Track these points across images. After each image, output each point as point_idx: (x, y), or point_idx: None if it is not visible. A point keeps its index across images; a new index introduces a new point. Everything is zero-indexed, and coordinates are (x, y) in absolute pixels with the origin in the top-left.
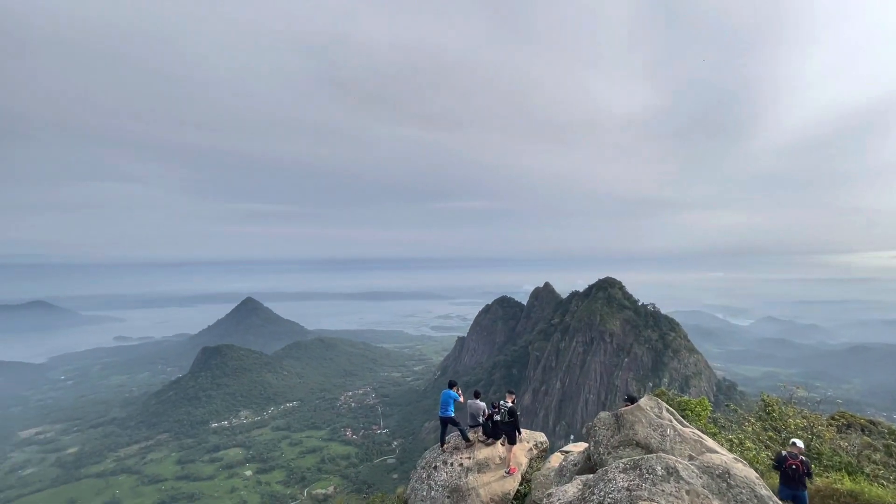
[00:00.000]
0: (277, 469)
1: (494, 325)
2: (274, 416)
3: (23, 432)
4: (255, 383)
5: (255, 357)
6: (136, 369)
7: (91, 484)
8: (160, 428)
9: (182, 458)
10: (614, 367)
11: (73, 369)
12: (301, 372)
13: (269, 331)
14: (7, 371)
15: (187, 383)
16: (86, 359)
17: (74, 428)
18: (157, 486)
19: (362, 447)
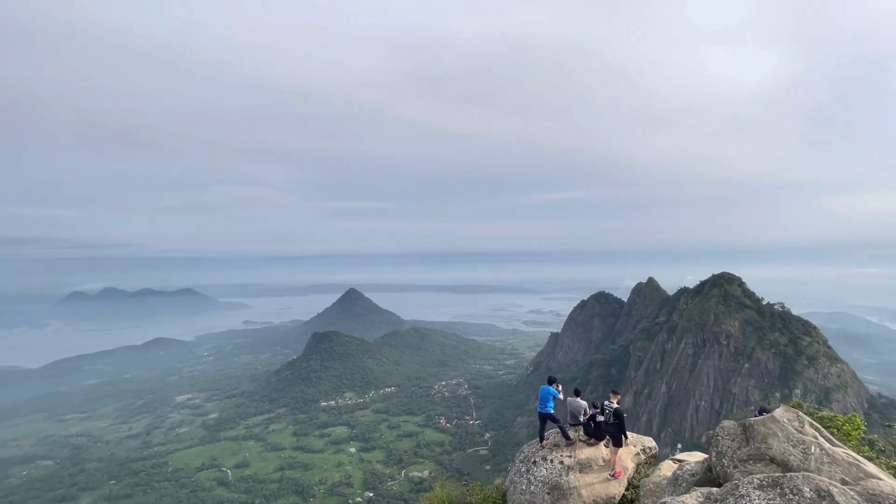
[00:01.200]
0: (378, 449)
1: (591, 321)
2: (374, 399)
3: (178, 397)
4: (357, 368)
5: (358, 343)
6: (259, 350)
7: (227, 446)
8: (279, 403)
9: (297, 430)
10: (731, 372)
11: (212, 347)
12: (398, 359)
13: (370, 319)
14: (167, 346)
15: (301, 365)
16: (222, 339)
17: (215, 397)
18: (277, 454)
19: (455, 436)
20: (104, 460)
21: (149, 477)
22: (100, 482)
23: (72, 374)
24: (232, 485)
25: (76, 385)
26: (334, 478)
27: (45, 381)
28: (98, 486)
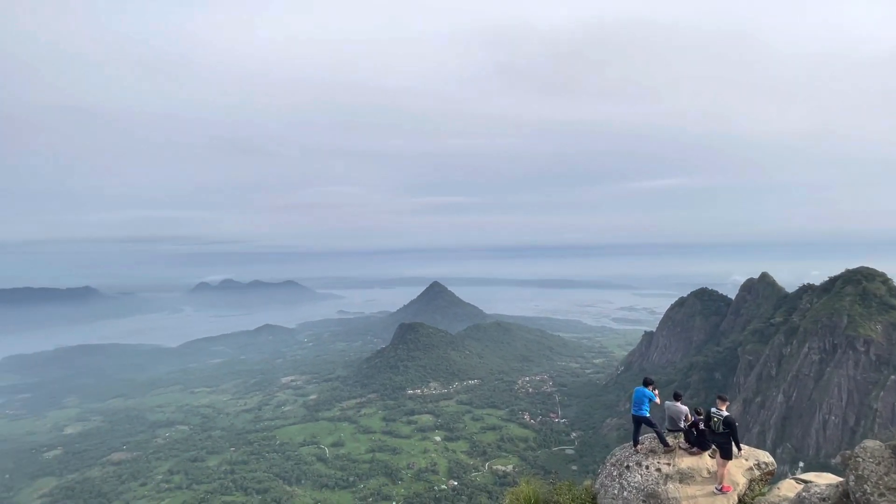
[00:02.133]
0: (462, 440)
1: (691, 320)
2: (458, 390)
3: (283, 378)
4: (441, 359)
5: (442, 335)
6: (352, 338)
7: (325, 426)
8: (370, 388)
9: (386, 416)
10: (871, 384)
11: (312, 334)
12: (481, 353)
13: (453, 312)
14: (273, 332)
15: (389, 353)
16: (319, 327)
17: (314, 380)
18: (368, 436)
19: (540, 433)
20: (226, 429)
21: (260, 447)
22: (223, 448)
23: (200, 354)
24: (329, 461)
25: (203, 363)
26: (420, 464)
27: (180, 359)
28: (221, 451)
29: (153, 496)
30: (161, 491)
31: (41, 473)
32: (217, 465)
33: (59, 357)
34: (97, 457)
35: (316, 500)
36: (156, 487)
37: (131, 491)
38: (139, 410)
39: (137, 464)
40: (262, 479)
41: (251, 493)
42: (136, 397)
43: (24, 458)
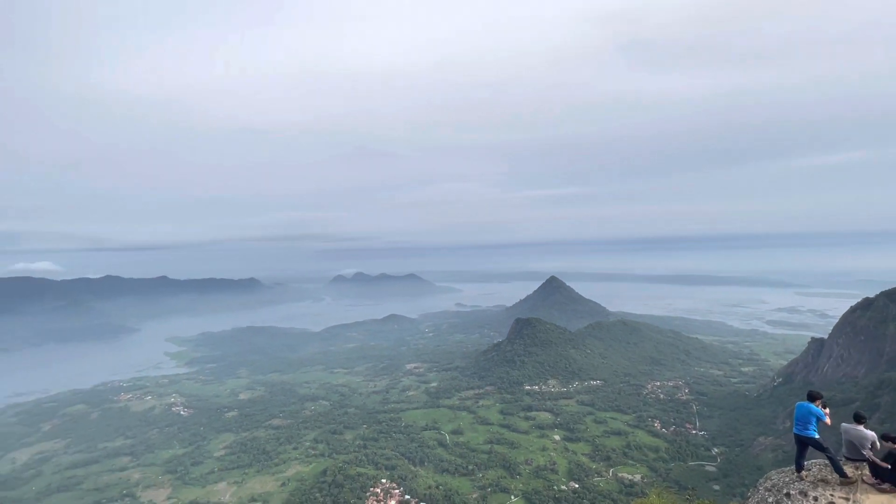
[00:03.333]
0: (583, 441)
1: (881, 328)
2: (578, 390)
3: (407, 365)
4: (560, 356)
5: (560, 332)
6: (469, 330)
7: (444, 413)
8: (487, 381)
9: (503, 409)
10: None
11: (432, 325)
12: (603, 353)
13: (572, 309)
14: (398, 321)
15: (505, 347)
16: (439, 318)
17: (434, 368)
18: (486, 427)
19: (673, 444)
20: (359, 408)
21: (388, 427)
22: (356, 424)
23: (337, 338)
24: (449, 447)
25: (341, 347)
26: (539, 461)
27: (322, 342)
28: (355, 426)
29: (302, 459)
30: (308, 455)
31: (224, 429)
32: (352, 439)
33: (234, 336)
34: (261, 420)
35: (437, 482)
36: (304, 452)
37: (286, 452)
38: (291, 385)
39: (290, 430)
40: (390, 456)
41: (381, 468)
42: (289, 373)
43: (212, 416)
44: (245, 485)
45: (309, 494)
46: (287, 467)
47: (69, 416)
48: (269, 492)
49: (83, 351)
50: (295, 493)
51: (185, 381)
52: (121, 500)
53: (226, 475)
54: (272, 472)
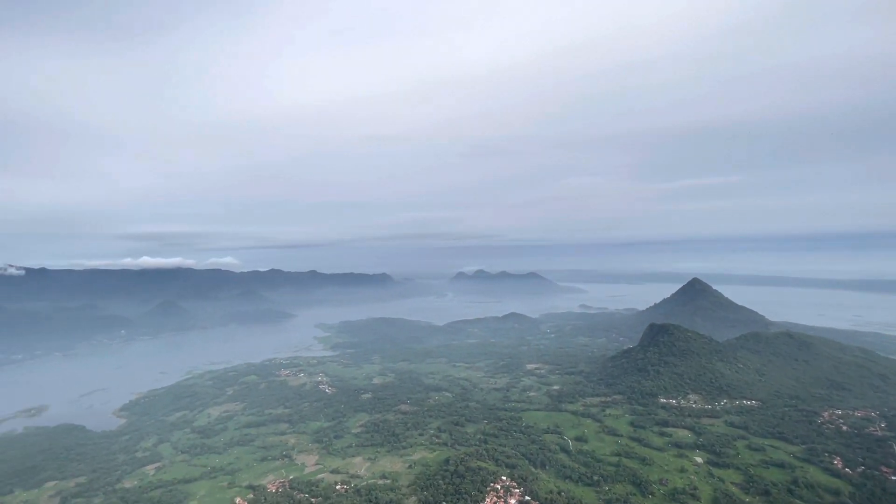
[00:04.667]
0: (732, 469)
1: None
2: (727, 409)
3: (528, 365)
4: (703, 369)
5: (704, 342)
6: (595, 333)
7: (567, 417)
8: (615, 389)
9: (634, 421)
10: None
11: (554, 326)
12: (761, 369)
13: (719, 316)
14: (519, 320)
15: (637, 354)
16: (561, 319)
17: (556, 371)
18: (613, 438)
19: (861, 488)
20: (479, 402)
21: (508, 425)
22: (477, 418)
23: (460, 333)
24: (572, 454)
25: (462, 341)
26: (676, 482)
27: (445, 335)
28: (476, 420)
29: (427, 446)
30: (433, 443)
31: (360, 409)
32: (473, 433)
33: (369, 325)
34: (391, 405)
35: (559, 488)
36: (429, 439)
37: (412, 437)
38: (417, 374)
39: (416, 417)
40: (511, 454)
41: (501, 465)
42: (416, 363)
43: (351, 396)
44: (377, 462)
45: (432, 480)
46: (413, 451)
47: (245, 385)
48: (397, 471)
49: (255, 331)
50: (420, 476)
51: (330, 362)
52: (281, 459)
53: (361, 451)
54: (400, 454)
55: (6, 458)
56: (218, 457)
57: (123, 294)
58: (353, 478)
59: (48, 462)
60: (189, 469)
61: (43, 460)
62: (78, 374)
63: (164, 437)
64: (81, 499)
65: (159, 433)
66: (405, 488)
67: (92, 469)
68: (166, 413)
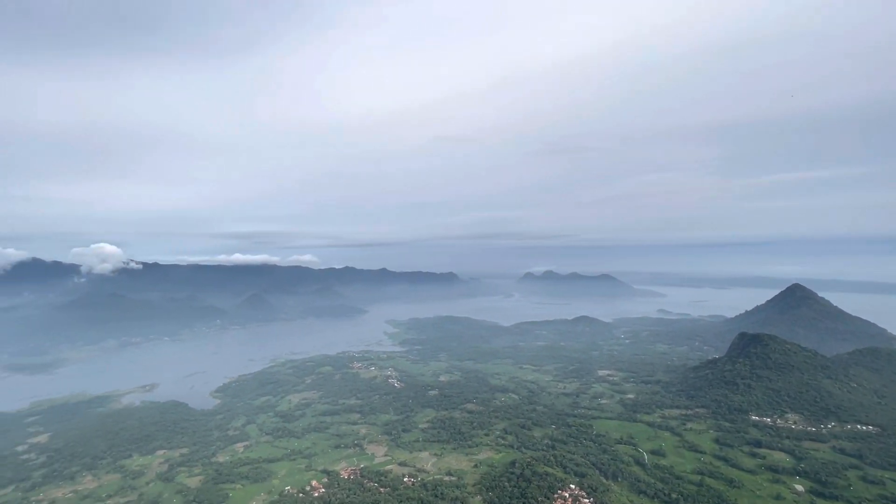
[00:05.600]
0: (842, 501)
1: None
2: (835, 433)
3: (599, 371)
4: (805, 386)
5: (807, 355)
6: (675, 341)
7: (642, 429)
8: (698, 401)
9: (720, 438)
10: None
11: (629, 331)
12: (881, 390)
13: (826, 327)
14: (590, 324)
15: (724, 366)
16: (637, 324)
17: (631, 378)
18: (695, 455)
19: None
20: (547, 407)
21: (578, 432)
22: (544, 423)
23: (526, 335)
24: (648, 468)
25: (529, 343)
26: None
27: (511, 336)
28: (544, 425)
29: (493, 446)
30: (498, 444)
31: (427, 405)
32: (540, 437)
33: (436, 323)
34: (457, 403)
35: (633, 502)
36: (495, 440)
37: (478, 437)
38: (483, 374)
39: (482, 417)
40: (580, 462)
41: (569, 472)
42: (482, 362)
43: (418, 391)
44: (443, 458)
45: (498, 481)
46: (479, 451)
47: (321, 375)
48: (462, 469)
49: (330, 325)
50: (486, 476)
51: (399, 358)
52: (353, 447)
53: (428, 446)
54: (466, 452)
55: (127, 426)
56: (297, 440)
57: (219, 287)
58: (419, 472)
59: (159, 433)
60: (272, 450)
61: (155, 431)
62: (182, 357)
63: (251, 418)
64: (184, 468)
65: (247, 415)
66: (470, 487)
67: (193, 442)
68: (253, 397)
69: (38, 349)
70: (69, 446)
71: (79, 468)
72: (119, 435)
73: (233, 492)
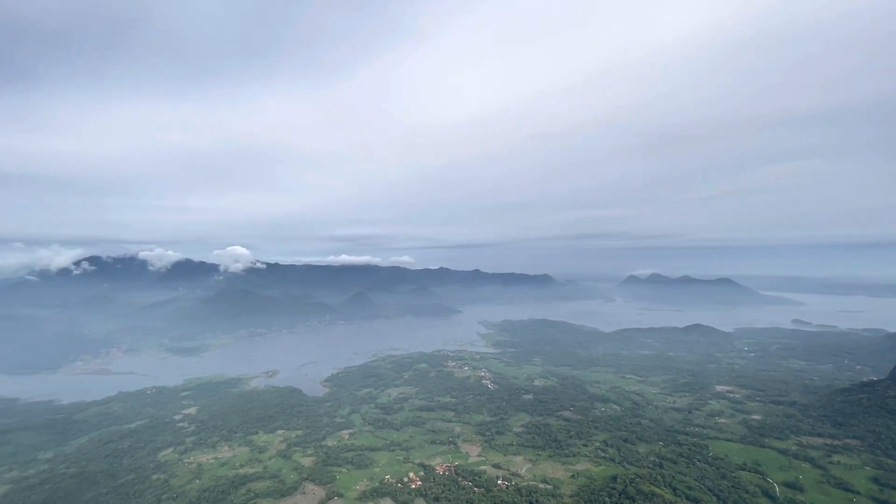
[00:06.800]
0: None
1: None
2: None
3: (717, 386)
4: None
5: None
6: (816, 357)
7: (773, 456)
8: (848, 431)
9: (879, 477)
10: None
11: (754, 343)
12: None
13: None
14: (705, 333)
15: (886, 390)
16: (764, 335)
17: (756, 397)
18: (845, 495)
19: None
20: (654, 421)
21: (690, 452)
22: (650, 438)
23: (629, 342)
24: (780, 502)
25: (633, 352)
26: None
27: (613, 344)
28: (650, 441)
29: (592, 458)
30: (598, 456)
31: (521, 409)
32: (645, 454)
33: (530, 326)
34: (553, 409)
35: None
36: (594, 451)
37: (576, 446)
38: (581, 381)
39: (580, 426)
40: (693, 486)
41: (679, 495)
42: (579, 369)
43: (512, 394)
44: (538, 465)
45: (598, 495)
46: (577, 461)
47: (417, 371)
48: (558, 478)
49: (426, 323)
50: (584, 489)
51: (492, 359)
52: (448, 444)
53: (522, 450)
54: (562, 461)
55: (254, 406)
56: (396, 433)
57: (328, 285)
58: (513, 476)
59: (279, 414)
60: (373, 439)
61: (276, 412)
62: (297, 347)
63: (355, 408)
64: (299, 448)
65: (352, 404)
66: (567, 497)
67: (307, 425)
68: (356, 388)
69: (189, 336)
70: (211, 419)
71: (218, 438)
72: (248, 413)
73: (339, 475)
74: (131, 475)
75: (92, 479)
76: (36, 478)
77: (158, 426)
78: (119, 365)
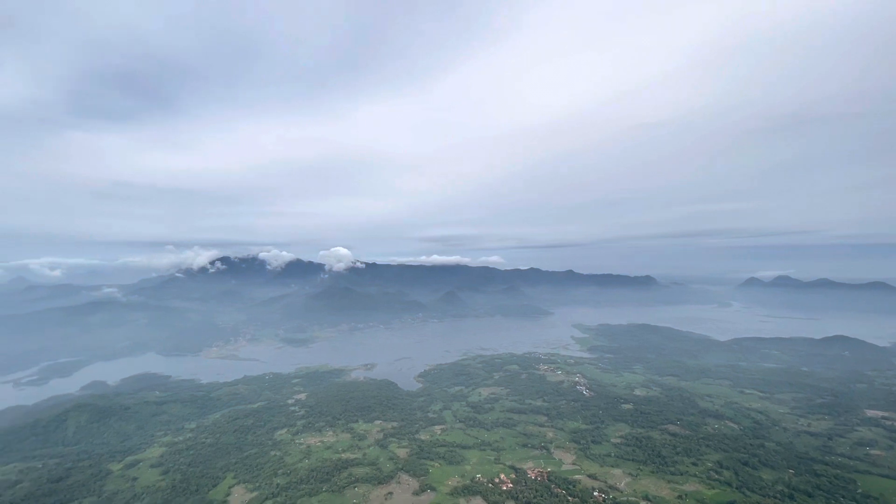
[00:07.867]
0: None
1: None
2: None
3: (868, 411)
4: None
5: None
6: None
7: None
8: None
9: None
10: None
11: None
12: None
13: None
14: (850, 346)
15: None
16: None
17: None
18: None
19: None
20: (781, 445)
21: (831, 486)
22: (777, 464)
23: (749, 353)
24: None
25: (754, 364)
26: None
27: (728, 354)
28: (776, 467)
29: (703, 479)
30: (711, 478)
31: (619, 419)
32: (771, 481)
33: (630, 331)
34: (657, 422)
35: None
36: (705, 472)
37: (683, 464)
38: (689, 394)
39: (689, 442)
40: None
41: None
42: (688, 380)
43: (609, 403)
44: (639, 480)
45: None
46: (685, 480)
47: (508, 372)
48: (663, 497)
49: (516, 324)
50: None
51: (587, 364)
52: (540, 449)
53: (621, 463)
54: (667, 479)
55: (354, 396)
56: (486, 432)
57: (420, 284)
58: (611, 489)
59: (377, 405)
60: (465, 437)
61: (374, 403)
62: (393, 343)
63: (447, 404)
64: (395, 439)
65: (444, 401)
66: None
67: (401, 418)
68: (448, 385)
69: (299, 328)
70: (318, 405)
71: (323, 424)
72: (350, 402)
73: (432, 468)
74: (254, 449)
75: (224, 450)
76: (184, 444)
77: (275, 408)
78: (244, 352)
